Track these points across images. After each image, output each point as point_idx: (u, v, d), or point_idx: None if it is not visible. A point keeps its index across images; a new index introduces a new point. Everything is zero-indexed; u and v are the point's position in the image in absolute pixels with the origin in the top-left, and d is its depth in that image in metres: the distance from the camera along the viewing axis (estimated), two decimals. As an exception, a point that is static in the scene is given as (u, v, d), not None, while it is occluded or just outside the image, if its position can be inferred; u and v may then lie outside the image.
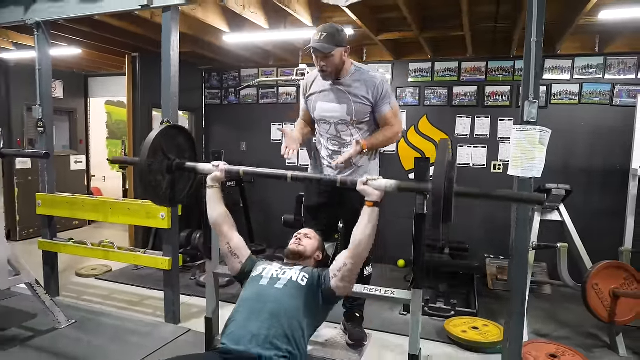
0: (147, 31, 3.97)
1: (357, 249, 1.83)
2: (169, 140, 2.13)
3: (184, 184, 2.28)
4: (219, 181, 2.11)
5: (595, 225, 4.17)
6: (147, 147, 1.99)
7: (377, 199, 1.81)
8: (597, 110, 4.21)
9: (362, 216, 1.84)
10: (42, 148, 3.56)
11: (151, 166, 2.03)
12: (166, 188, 2.15)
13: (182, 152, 2.22)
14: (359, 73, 2.38)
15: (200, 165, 2.15)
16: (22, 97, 5.43)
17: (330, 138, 2.44)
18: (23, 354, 2.73)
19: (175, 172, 2.16)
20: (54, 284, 3.75)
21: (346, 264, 1.86)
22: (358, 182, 1.83)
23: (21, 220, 5.56)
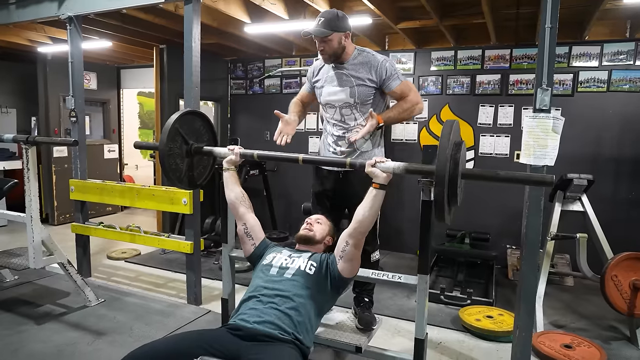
0: (172, 23, 4.11)
1: (358, 227, 1.89)
2: (188, 125, 2.23)
3: (203, 167, 2.38)
4: (235, 164, 2.21)
5: (623, 216, 4.08)
6: (166, 132, 2.10)
7: (384, 181, 1.85)
8: (626, 98, 4.07)
9: (367, 196, 1.89)
10: (75, 137, 3.77)
11: (170, 150, 2.13)
12: (185, 171, 2.25)
13: (200, 136, 2.31)
14: (361, 56, 2.43)
15: (217, 149, 2.26)
16: (58, 89, 5.70)
17: (335, 123, 2.49)
18: (57, 328, 2.92)
19: (193, 156, 2.26)
20: (86, 265, 3.97)
21: (348, 243, 1.93)
22: (366, 163, 1.87)
23: (59, 206, 5.88)
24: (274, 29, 4.12)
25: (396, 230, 4.91)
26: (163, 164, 2.14)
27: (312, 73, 2.62)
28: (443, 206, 1.66)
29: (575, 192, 3.42)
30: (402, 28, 4.06)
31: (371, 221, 1.89)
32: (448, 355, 2.81)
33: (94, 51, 5.46)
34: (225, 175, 2.22)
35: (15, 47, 5.36)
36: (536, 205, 2.34)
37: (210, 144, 2.36)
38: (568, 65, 4.21)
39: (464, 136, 4.66)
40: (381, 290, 3.68)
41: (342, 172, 2.51)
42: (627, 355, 2.83)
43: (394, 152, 4.93)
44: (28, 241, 2.98)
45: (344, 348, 2.33)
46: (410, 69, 4.81)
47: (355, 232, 1.91)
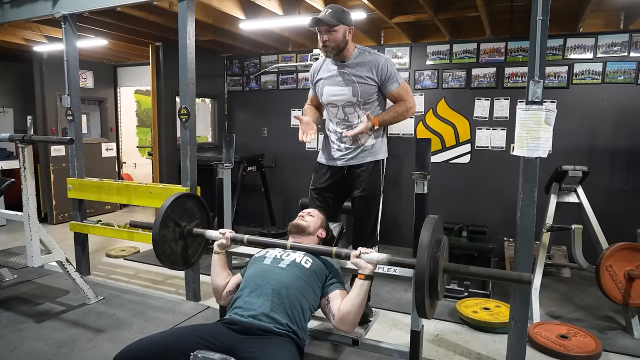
0: (167, 21, 4.10)
1: (345, 319, 1.90)
2: (179, 208, 2.25)
3: (197, 245, 2.41)
4: (225, 248, 2.21)
5: (619, 207, 4.09)
6: (158, 221, 2.12)
7: (369, 272, 1.90)
8: (621, 90, 4.07)
9: (353, 288, 1.92)
10: (72, 135, 3.77)
11: (164, 237, 2.16)
12: (180, 254, 2.29)
13: (192, 215, 2.34)
14: (362, 55, 2.45)
15: (208, 232, 2.28)
16: (55, 88, 5.71)
17: (339, 122, 2.51)
18: (56, 326, 2.94)
19: (187, 238, 2.29)
20: (84, 263, 3.99)
21: (334, 317, 1.94)
22: (351, 254, 1.92)
23: (57, 205, 5.89)
24: (269, 25, 4.12)
25: (393, 224, 4.93)
26: (157, 251, 2.16)
27: (312, 75, 2.65)
28: (423, 304, 1.65)
29: (570, 184, 3.44)
30: (397, 22, 4.06)
31: (358, 312, 1.90)
32: (445, 347, 2.83)
33: (90, 49, 5.46)
34: (214, 258, 2.21)
35: (11, 46, 5.35)
36: (529, 197, 2.36)
37: (203, 221, 2.39)
38: (563, 57, 4.21)
39: (460, 130, 4.68)
40: (380, 284, 3.72)
41: (347, 167, 2.54)
42: (622, 344, 2.85)
43: (390, 146, 4.91)
44: (26, 240, 2.99)
45: (341, 341, 2.35)
46: (406, 64, 4.82)
47: (342, 323, 1.91)
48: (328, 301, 1.98)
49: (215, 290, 2.19)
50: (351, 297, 1.91)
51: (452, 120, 4.70)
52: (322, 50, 2.45)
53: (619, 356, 2.74)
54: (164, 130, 5.11)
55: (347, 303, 1.91)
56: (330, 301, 1.97)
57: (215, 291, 2.19)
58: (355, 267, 1.91)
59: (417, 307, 1.67)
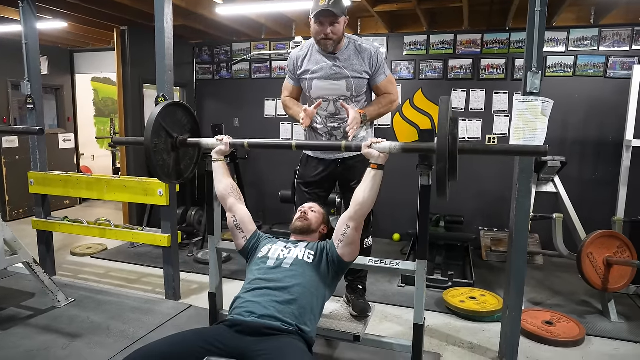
0: (137, 3, 3.85)
1: (359, 209, 1.86)
2: (170, 118, 2.11)
3: (189, 159, 2.29)
4: (224, 154, 2.13)
5: (589, 195, 4.26)
6: (150, 127, 1.99)
7: (382, 161, 1.85)
8: (591, 83, 4.23)
9: (365, 178, 1.86)
10: (33, 125, 3.48)
11: (156, 146, 2.03)
12: (173, 166, 2.15)
13: (183, 127, 2.20)
14: (352, 45, 2.36)
15: (204, 140, 2.16)
16: (5, 74, 5.27)
17: (329, 116, 2.42)
18: (25, 333, 2.71)
19: (179, 149, 2.16)
20: (50, 263, 3.71)
21: (348, 226, 1.88)
22: (362, 145, 1.86)
23: (11, 201, 5.46)
24: (248, 10, 3.95)
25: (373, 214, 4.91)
26: (150, 161, 2.02)
27: (293, 65, 2.47)
28: (445, 182, 1.67)
29: (548, 174, 3.54)
30: (378, 11, 4.01)
31: (372, 202, 1.87)
32: (437, 338, 2.84)
33: (46, 32, 5.05)
34: (215, 166, 2.13)
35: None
36: (526, 187, 2.37)
37: (194, 134, 2.25)
38: (538, 50, 4.30)
39: (437, 121, 4.70)
40: (364, 276, 3.68)
41: (340, 159, 2.46)
42: (602, 328, 2.97)
43: (367, 137, 4.90)
44: (-12, 240, 2.73)
45: (342, 337, 2.30)
46: (383, 54, 4.78)
47: (357, 215, 1.87)
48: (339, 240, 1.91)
49: (221, 198, 2.13)
50: (363, 187, 1.85)
51: (429, 111, 4.72)
52: (322, 44, 2.31)
53: (601, 340, 2.84)
54: (130, 120, 4.83)
55: (359, 194, 1.85)
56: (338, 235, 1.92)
57: (221, 199, 2.13)
58: (368, 157, 1.85)
59: (439, 184, 1.67)
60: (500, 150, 1.89)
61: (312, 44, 2.39)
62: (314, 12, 2.22)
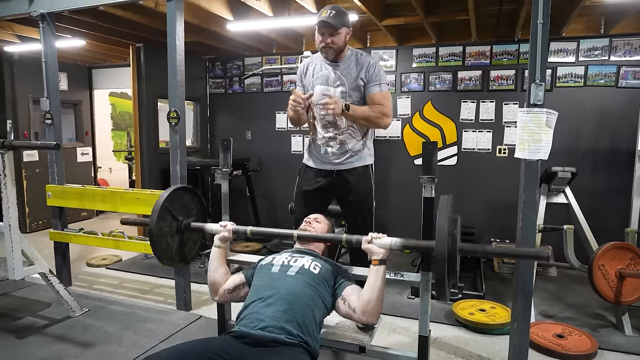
0: (151, 21, 3.98)
1: (366, 307, 1.85)
2: (177, 201, 2.16)
3: (193, 242, 2.32)
4: (226, 241, 2.14)
5: (602, 206, 4.20)
6: (156, 212, 2.03)
7: (383, 256, 1.85)
8: (602, 93, 4.20)
9: (369, 276, 1.87)
10: (51, 140, 3.60)
11: (160, 230, 2.07)
12: (176, 249, 2.19)
13: (189, 210, 2.26)
14: (355, 57, 2.46)
15: (208, 225, 2.19)
16: (27, 90, 5.46)
17: (326, 125, 2.48)
18: (40, 342, 2.78)
19: (183, 233, 2.19)
20: (66, 273, 3.81)
21: (355, 311, 1.88)
22: (363, 240, 1.86)
23: (31, 213, 5.62)
24: (257, 27, 4.04)
25: (381, 226, 4.90)
26: (154, 245, 2.07)
27: (301, 74, 2.60)
28: (445, 283, 1.64)
29: (559, 185, 3.50)
30: (385, 25, 4.06)
31: (379, 300, 1.85)
32: (446, 350, 2.82)
33: (65, 50, 5.24)
34: (214, 252, 2.13)
35: (-21, 46, 5.09)
36: (531, 199, 2.37)
37: (199, 217, 2.29)
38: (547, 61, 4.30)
39: (447, 132, 4.72)
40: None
41: (336, 171, 2.51)
42: (615, 342, 2.91)
43: (377, 148, 4.91)
44: (7, 251, 2.82)
45: (347, 349, 2.30)
46: (392, 66, 4.83)
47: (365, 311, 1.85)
48: (344, 299, 1.92)
49: (212, 285, 2.11)
50: (369, 285, 1.86)
51: (439, 123, 4.74)
52: (323, 52, 2.42)
53: (614, 354, 2.79)
54: (145, 133, 4.95)
55: (366, 292, 1.86)
56: (346, 298, 1.92)
57: (211, 285, 2.11)
58: (368, 252, 1.86)
59: (437, 287, 1.65)
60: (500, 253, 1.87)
61: (319, 55, 2.49)
62: (317, 22, 2.35)
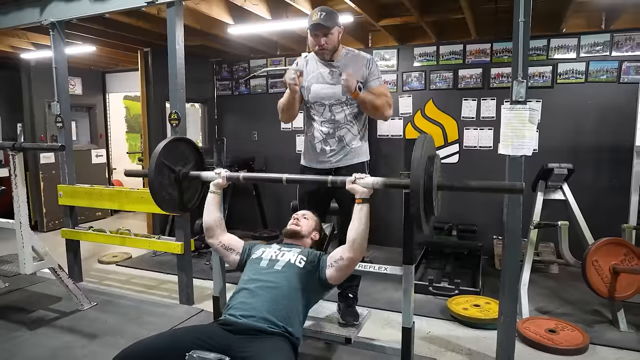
0: (155, 26, 4.13)
1: (353, 246, 1.92)
2: (172, 153, 2.23)
3: (194, 190, 2.39)
4: (221, 187, 2.23)
5: (604, 203, 4.17)
6: (153, 166, 2.10)
7: (366, 195, 1.92)
8: (604, 88, 4.17)
9: (353, 214, 1.93)
10: (62, 142, 3.77)
11: (160, 183, 2.15)
12: (178, 198, 2.27)
13: (186, 159, 2.32)
14: (350, 55, 2.52)
15: (204, 173, 2.28)
16: (43, 95, 5.68)
17: (324, 121, 2.54)
18: (50, 333, 2.94)
19: (182, 181, 2.27)
20: (77, 269, 3.98)
21: (343, 259, 1.95)
22: (347, 180, 1.94)
23: (47, 212, 5.85)
24: (257, 30, 4.15)
25: (386, 224, 4.97)
26: (155, 198, 2.15)
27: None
28: (420, 218, 1.69)
29: (556, 181, 3.52)
30: (383, 25, 4.12)
31: (364, 236, 1.93)
32: (437, 344, 2.88)
33: (78, 56, 5.45)
34: (209, 197, 2.23)
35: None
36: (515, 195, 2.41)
37: (197, 165, 2.37)
38: (547, 57, 4.30)
39: (448, 130, 4.74)
40: (372, 283, 3.76)
41: (334, 169, 2.58)
42: (609, 337, 2.92)
43: (380, 147, 5.00)
44: (18, 247, 2.99)
45: (334, 340, 2.39)
46: (394, 66, 4.88)
47: (351, 250, 1.93)
48: (330, 264, 1.99)
49: (207, 229, 2.20)
50: (354, 223, 1.92)
51: (440, 121, 4.77)
52: (318, 54, 2.48)
53: (606, 349, 2.80)
54: (154, 135, 5.11)
55: (351, 231, 1.92)
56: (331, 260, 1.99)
57: (206, 229, 2.20)
58: (352, 192, 1.93)
59: (415, 221, 1.69)
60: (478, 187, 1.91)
61: (312, 55, 2.56)
62: (309, 25, 2.40)
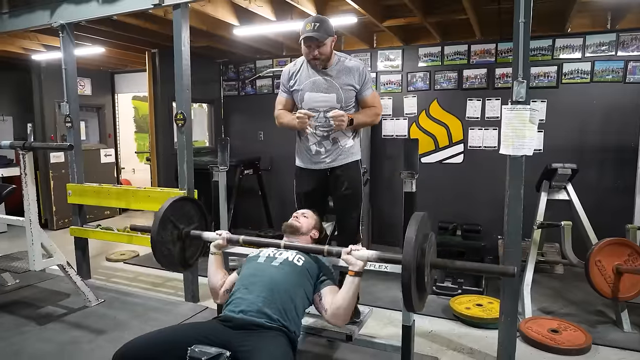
0: (162, 28, 4.18)
1: (336, 312, 1.96)
2: (178, 211, 2.29)
3: (195, 248, 2.44)
4: (221, 248, 2.27)
5: (609, 203, 4.16)
6: (157, 222, 2.16)
7: (360, 269, 1.93)
8: (610, 88, 4.15)
9: (344, 284, 1.96)
10: (70, 142, 3.85)
11: (162, 238, 2.20)
12: (178, 255, 2.33)
13: (190, 219, 2.38)
14: (342, 61, 2.56)
15: (205, 233, 2.33)
16: (54, 95, 5.77)
17: (318, 125, 2.59)
18: (58, 328, 3.01)
19: (184, 240, 2.33)
20: (85, 267, 4.05)
21: (326, 311, 2.00)
22: (342, 251, 1.97)
23: (57, 211, 5.95)
24: (262, 31, 4.19)
25: (390, 224, 5.00)
26: (155, 253, 2.19)
27: (286, 79, 2.67)
28: (410, 297, 1.67)
29: (560, 181, 3.50)
30: (388, 26, 4.14)
31: (349, 306, 1.95)
32: (439, 343, 2.89)
33: (88, 57, 5.53)
34: (211, 259, 2.27)
35: (10, 55, 5.43)
36: (516, 194, 2.42)
37: (201, 224, 2.42)
38: (552, 57, 4.29)
39: (453, 130, 4.75)
40: (374, 282, 3.79)
41: (329, 169, 2.62)
42: (612, 338, 2.92)
43: (385, 147, 5.02)
44: (27, 244, 3.05)
45: (335, 337, 2.42)
46: (399, 66, 4.90)
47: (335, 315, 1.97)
48: (320, 297, 2.04)
49: (212, 290, 2.26)
50: (342, 293, 1.97)
51: (445, 121, 4.77)
52: (312, 63, 2.51)
53: (608, 349, 2.80)
54: (161, 135, 5.18)
55: (338, 298, 1.97)
56: (322, 297, 2.04)
57: (212, 290, 2.26)
58: (346, 263, 1.96)
59: (405, 300, 1.70)
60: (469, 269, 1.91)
61: (304, 60, 2.59)
62: (302, 36, 2.42)
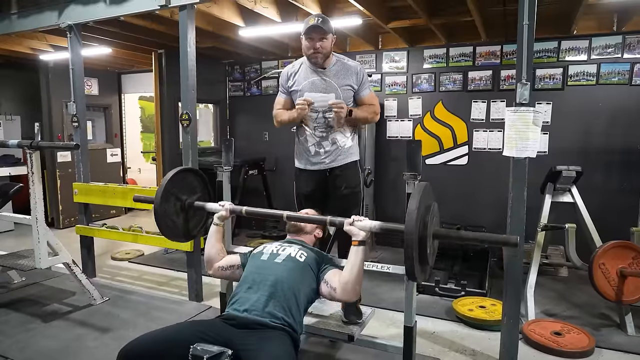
0: (169, 29, 4.21)
1: (345, 287, 1.96)
2: (180, 182, 2.28)
3: (198, 218, 2.43)
4: (224, 219, 2.27)
5: (615, 206, 4.14)
6: (159, 194, 2.16)
7: (362, 238, 1.94)
8: (615, 91, 4.13)
9: (349, 256, 1.97)
10: (77, 141, 3.88)
11: (165, 211, 2.20)
12: (182, 226, 2.32)
13: (193, 189, 2.37)
14: (340, 63, 2.61)
15: (208, 204, 2.31)
16: (61, 95, 5.82)
17: (318, 126, 2.61)
18: (63, 326, 3.04)
19: (188, 211, 2.32)
20: (90, 265, 4.09)
21: (335, 290, 2.00)
22: (345, 222, 1.97)
23: (64, 210, 6.00)
24: (267, 32, 4.21)
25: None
26: (159, 223, 2.20)
27: (285, 79, 2.71)
28: (412, 267, 1.67)
29: (564, 184, 3.50)
30: (393, 27, 4.14)
31: (357, 280, 1.95)
32: (441, 344, 2.89)
33: (95, 57, 5.58)
34: (212, 229, 2.28)
35: (18, 55, 5.49)
36: (519, 195, 2.43)
37: (203, 196, 2.41)
38: (558, 59, 4.28)
39: (457, 132, 4.75)
40: (378, 284, 3.79)
41: (329, 169, 2.64)
42: (616, 341, 2.90)
43: (389, 148, 5.03)
44: (34, 242, 3.09)
45: (337, 337, 2.43)
46: (404, 67, 4.90)
47: (344, 290, 1.97)
48: (327, 282, 2.04)
49: (207, 260, 2.26)
50: (348, 266, 1.97)
51: (450, 123, 4.77)
52: (312, 57, 2.54)
53: (612, 352, 2.79)
54: (167, 135, 5.21)
55: (345, 274, 1.97)
56: (328, 281, 2.04)
57: (207, 261, 2.26)
58: (350, 234, 1.96)
59: (407, 271, 1.68)
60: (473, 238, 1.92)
61: (303, 62, 2.62)
62: (305, 29, 2.47)
